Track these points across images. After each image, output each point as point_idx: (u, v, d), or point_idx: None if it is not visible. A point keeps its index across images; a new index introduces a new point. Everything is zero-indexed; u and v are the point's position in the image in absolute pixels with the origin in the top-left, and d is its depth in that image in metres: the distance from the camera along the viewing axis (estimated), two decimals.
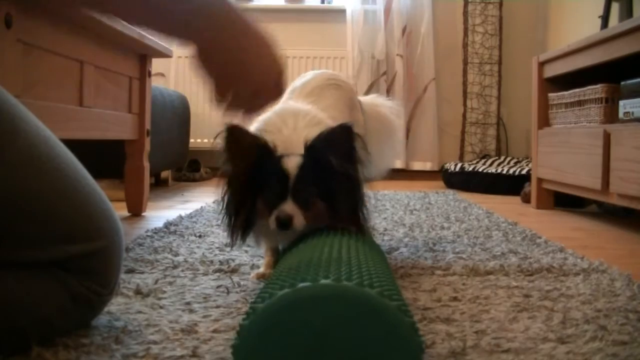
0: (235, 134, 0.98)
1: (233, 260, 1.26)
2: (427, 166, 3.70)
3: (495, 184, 3.02)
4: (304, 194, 0.97)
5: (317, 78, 1.35)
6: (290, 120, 1.07)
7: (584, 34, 2.13)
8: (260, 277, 1.11)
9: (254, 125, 1.11)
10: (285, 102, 1.23)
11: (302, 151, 0.98)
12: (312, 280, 0.62)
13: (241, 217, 1.00)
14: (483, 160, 3.36)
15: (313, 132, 1.01)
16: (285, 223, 0.95)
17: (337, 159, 0.95)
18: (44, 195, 0.73)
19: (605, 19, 2.48)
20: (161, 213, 2.06)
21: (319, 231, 0.94)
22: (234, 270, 1.18)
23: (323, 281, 0.62)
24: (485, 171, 3.11)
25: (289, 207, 0.95)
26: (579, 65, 2.11)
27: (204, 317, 0.87)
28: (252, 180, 0.98)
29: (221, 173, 1.01)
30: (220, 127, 0.97)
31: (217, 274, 1.15)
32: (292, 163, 0.97)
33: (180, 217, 1.86)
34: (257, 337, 0.60)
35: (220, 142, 0.98)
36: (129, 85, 1.91)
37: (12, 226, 0.70)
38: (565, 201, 2.42)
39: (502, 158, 3.42)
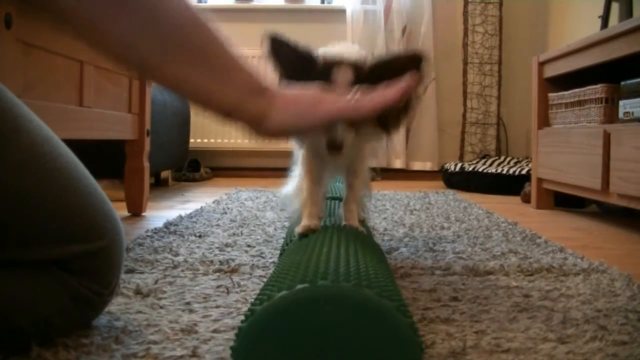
0: (277, 44, 0.96)
1: (233, 260, 1.26)
2: (427, 166, 3.70)
3: (495, 184, 3.02)
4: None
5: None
6: (337, 45, 1.06)
7: (584, 34, 2.13)
8: (307, 230, 0.99)
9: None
10: None
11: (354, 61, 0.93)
12: (310, 282, 0.62)
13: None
14: (483, 160, 3.36)
15: (364, 52, 1.00)
16: (335, 147, 0.89)
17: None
18: (45, 195, 0.73)
19: (605, 19, 2.48)
20: (161, 213, 2.06)
21: (319, 231, 0.94)
22: (234, 270, 1.18)
23: (321, 282, 0.62)
24: (485, 171, 3.10)
25: (339, 130, 0.89)
26: (579, 65, 2.11)
27: (204, 317, 0.87)
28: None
29: (277, 79, 0.98)
30: (263, 35, 0.96)
31: (217, 274, 1.15)
32: (345, 75, 0.90)
33: (180, 217, 1.86)
34: (256, 340, 0.60)
35: (265, 51, 0.97)
36: (129, 85, 1.91)
37: (13, 225, 0.70)
38: (565, 201, 2.42)
39: (502, 158, 3.42)
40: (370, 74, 0.92)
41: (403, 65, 0.90)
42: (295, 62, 0.96)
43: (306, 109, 0.76)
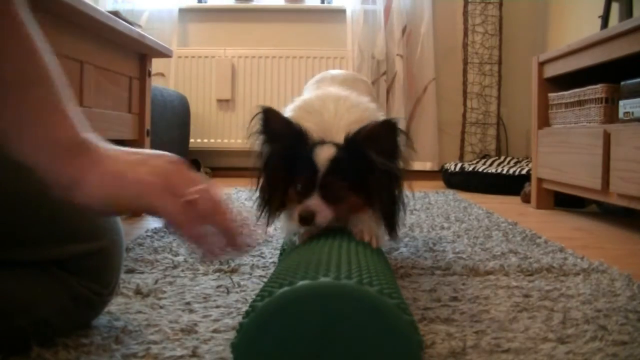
0: (269, 116, 0.97)
1: (233, 260, 1.26)
2: (427, 166, 3.69)
3: (495, 184, 3.02)
4: (332, 188, 0.93)
5: (344, 73, 1.36)
6: (331, 104, 1.04)
7: (584, 34, 2.13)
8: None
9: (294, 105, 1.08)
10: (324, 87, 1.21)
11: (341, 139, 0.95)
12: (311, 279, 0.62)
13: (274, 201, 0.98)
14: (483, 160, 3.36)
15: (355, 116, 0.99)
16: (306, 219, 0.90)
17: (378, 154, 0.92)
18: (44, 195, 0.72)
19: (605, 19, 2.48)
20: None
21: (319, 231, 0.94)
22: (234, 270, 1.18)
23: (323, 279, 0.62)
24: (485, 171, 3.10)
25: (313, 202, 0.91)
26: (579, 65, 2.11)
27: (204, 317, 0.87)
28: (285, 166, 0.96)
29: (257, 154, 0.99)
30: (256, 109, 0.96)
31: (217, 274, 1.15)
32: (325, 154, 0.93)
33: None
34: (257, 335, 0.60)
35: (255, 124, 0.97)
36: (129, 85, 1.91)
37: (12, 226, 0.70)
38: (565, 201, 2.42)
39: (502, 158, 3.42)
40: (351, 150, 0.93)
41: (378, 133, 0.93)
42: (285, 136, 0.97)
43: (131, 185, 0.60)
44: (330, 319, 0.59)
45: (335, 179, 0.93)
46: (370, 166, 0.93)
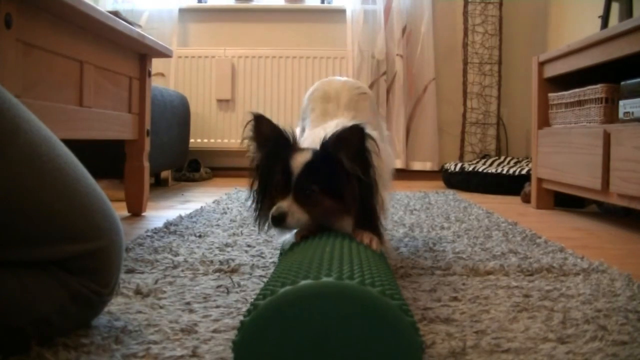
0: (260, 122, 1.02)
1: (233, 260, 1.26)
2: (427, 166, 3.69)
3: (495, 184, 3.02)
4: (305, 191, 0.96)
5: (347, 88, 1.36)
6: (330, 128, 1.07)
7: (584, 34, 2.13)
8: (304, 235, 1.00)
9: (304, 139, 1.15)
10: (329, 116, 1.26)
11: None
12: (314, 278, 0.62)
13: (264, 203, 1.02)
14: (483, 160, 3.36)
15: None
16: (278, 219, 0.94)
17: (347, 158, 0.95)
18: (44, 195, 0.72)
19: (605, 19, 2.48)
20: (161, 213, 2.06)
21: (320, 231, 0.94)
22: (234, 270, 1.18)
23: (325, 279, 0.62)
24: (485, 171, 3.10)
25: (285, 204, 0.95)
26: (579, 65, 2.11)
27: (204, 317, 0.87)
28: (272, 169, 1.00)
29: (251, 160, 1.04)
30: (248, 116, 1.02)
31: (217, 274, 1.15)
32: (300, 159, 0.97)
33: (180, 217, 1.86)
34: (258, 334, 0.60)
35: (248, 131, 1.02)
36: (129, 85, 1.91)
37: (12, 225, 0.70)
38: (565, 201, 2.42)
39: (502, 158, 3.42)
40: (325, 155, 0.97)
41: (347, 137, 0.96)
42: (273, 141, 1.02)
43: None
44: (332, 319, 0.59)
45: (308, 183, 0.96)
46: (343, 171, 0.96)
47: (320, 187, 0.96)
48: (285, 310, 0.60)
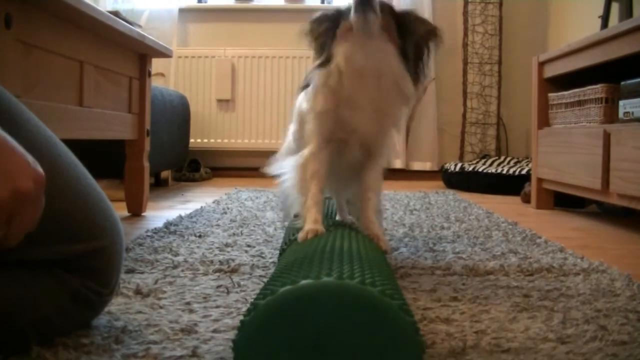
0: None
1: (233, 260, 1.26)
2: (427, 166, 3.69)
3: (495, 184, 3.02)
4: (381, 6, 1.05)
5: None
6: None
7: (584, 34, 2.13)
8: (313, 233, 1.00)
9: None
10: None
11: None
12: (314, 278, 0.62)
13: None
14: (483, 160, 3.36)
15: None
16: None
17: (416, 35, 1.09)
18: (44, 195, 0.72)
19: (605, 19, 2.48)
20: (161, 213, 2.06)
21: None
22: (234, 270, 1.18)
23: (325, 279, 0.62)
24: (485, 171, 3.10)
25: None
26: (579, 65, 2.11)
27: (204, 317, 0.87)
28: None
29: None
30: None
31: (217, 274, 1.15)
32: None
33: (180, 217, 1.86)
34: (258, 333, 0.60)
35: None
36: (129, 85, 1.91)
37: None
38: (565, 201, 2.42)
39: (502, 158, 3.42)
40: (390, 18, 1.08)
41: (419, 33, 1.10)
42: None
43: None
44: (332, 319, 0.59)
45: (384, 5, 1.07)
46: (407, 32, 1.09)
47: (394, 17, 1.08)
48: (286, 310, 0.60)
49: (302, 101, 1.20)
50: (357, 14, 1.03)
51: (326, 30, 1.11)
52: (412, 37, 1.08)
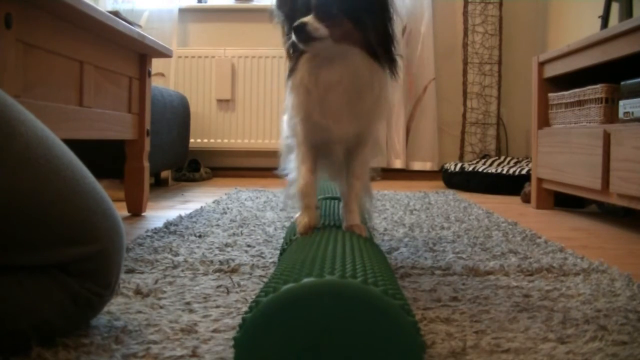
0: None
1: (233, 260, 1.26)
2: (427, 166, 3.69)
3: (495, 184, 3.02)
4: (326, 10, 1.00)
5: None
6: None
7: (584, 34, 2.13)
8: (307, 229, 1.02)
9: None
10: None
11: None
12: (316, 276, 0.62)
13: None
14: (483, 160, 3.36)
15: None
16: (299, 29, 0.98)
17: None
18: (41, 198, 0.72)
19: (605, 19, 2.48)
20: (161, 213, 2.06)
21: (322, 230, 0.94)
22: (234, 270, 1.18)
23: (328, 277, 0.62)
24: (485, 171, 3.10)
25: (306, 18, 0.99)
26: (579, 65, 2.11)
27: (204, 317, 0.87)
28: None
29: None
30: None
31: (217, 274, 1.15)
32: None
33: (180, 217, 1.86)
34: (259, 331, 0.60)
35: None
36: (129, 85, 1.91)
37: (11, 229, 0.70)
38: (565, 201, 2.42)
39: (502, 158, 3.42)
40: (343, 19, 1.01)
41: (369, 8, 1.02)
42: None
43: None
44: (334, 318, 0.59)
45: (330, 3, 1.00)
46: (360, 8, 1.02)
47: (342, 10, 1.01)
48: (287, 308, 0.60)
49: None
50: (304, 46, 1.01)
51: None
52: (368, 19, 1.03)
